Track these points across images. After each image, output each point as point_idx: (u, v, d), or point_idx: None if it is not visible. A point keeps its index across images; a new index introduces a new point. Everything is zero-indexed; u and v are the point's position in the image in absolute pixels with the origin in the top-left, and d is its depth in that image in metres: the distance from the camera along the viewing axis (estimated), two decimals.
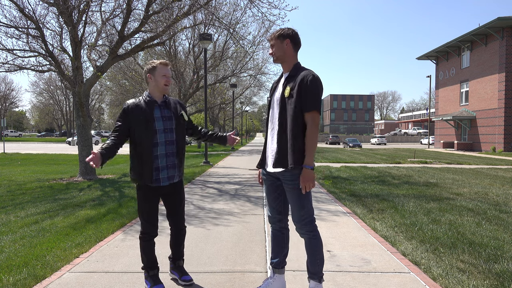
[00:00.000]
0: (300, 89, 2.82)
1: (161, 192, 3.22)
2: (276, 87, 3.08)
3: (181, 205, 3.35)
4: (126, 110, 3.12)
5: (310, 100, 2.79)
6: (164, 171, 3.15)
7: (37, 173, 12.47)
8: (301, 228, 2.93)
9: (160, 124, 3.13)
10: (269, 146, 3.03)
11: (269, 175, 3.06)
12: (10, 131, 78.72)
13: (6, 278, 3.46)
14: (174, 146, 3.19)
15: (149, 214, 3.18)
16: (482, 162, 18.74)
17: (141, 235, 3.21)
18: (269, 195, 3.10)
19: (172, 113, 3.22)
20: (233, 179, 11.12)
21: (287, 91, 2.88)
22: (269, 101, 3.10)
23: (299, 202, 2.87)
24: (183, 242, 3.43)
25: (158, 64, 3.17)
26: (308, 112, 2.81)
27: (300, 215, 2.89)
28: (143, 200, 3.17)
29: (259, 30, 24.17)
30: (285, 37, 2.96)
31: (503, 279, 3.47)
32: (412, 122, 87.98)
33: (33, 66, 11.61)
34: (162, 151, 3.13)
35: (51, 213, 6.19)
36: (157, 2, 12.16)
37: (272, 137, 2.99)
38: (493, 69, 29.51)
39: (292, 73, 2.94)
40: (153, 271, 3.24)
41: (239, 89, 38.05)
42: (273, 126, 2.99)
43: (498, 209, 6.72)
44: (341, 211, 6.48)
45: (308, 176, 2.76)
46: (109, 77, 26.91)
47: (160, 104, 3.19)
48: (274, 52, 3.00)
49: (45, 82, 72.73)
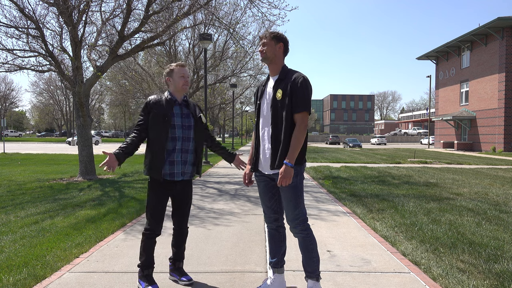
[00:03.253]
0: (291, 91, 2.89)
1: (171, 189, 3.27)
2: (264, 91, 3.12)
3: (188, 205, 3.40)
4: (148, 104, 3.25)
5: (301, 101, 2.87)
6: (178, 166, 3.23)
7: (37, 173, 12.47)
8: (295, 227, 2.97)
9: (179, 120, 3.24)
10: (262, 148, 3.05)
11: (263, 176, 3.09)
12: (10, 131, 78.71)
13: (6, 278, 3.46)
14: (190, 143, 3.29)
15: (156, 210, 3.22)
16: (482, 162, 18.74)
17: (145, 231, 3.25)
18: (264, 194, 3.13)
19: (191, 113, 3.34)
20: (233, 179, 11.12)
21: (278, 94, 2.94)
22: (258, 105, 3.13)
23: (294, 202, 2.93)
24: (184, 242, 3.46)
25: (175, 66, 3.32)
26: (299, 112, 2.88)
27: (295, 215, 2.94)
28: (152, 194, 3.22)
29: (259, 30, 24.13)
30: (279, 40, 3.00)
31: (503, 279, 3.47)
32: (412, 122, 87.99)
33: (33, 66, 11.61)
34: (179, 146, 3.22)
35: (51, 213, 6.19)
36: (157, 2, 12.17)
37: (265, 139, 3.02)
38: (493, 69, 29.51)
39: (281, 76, 3.00)
40: (147, 270, 3.25)
41: (239, 89, 38.06)
42: (266, 129, 3.03)
43: (498, 209, 6.72)
44: (341, 211, 6.48)
45: (286, 173, 2.80)
46: (109, 77, 26.92)
47: (180, 103, 3.31)
48: (265, 51, 3.01)
49: (45, 82, 72.75)
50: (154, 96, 3.31)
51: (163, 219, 3.29)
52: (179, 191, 3.33)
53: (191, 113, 3.35)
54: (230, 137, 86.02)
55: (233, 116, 34.09)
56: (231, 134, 78.42)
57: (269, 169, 2.98)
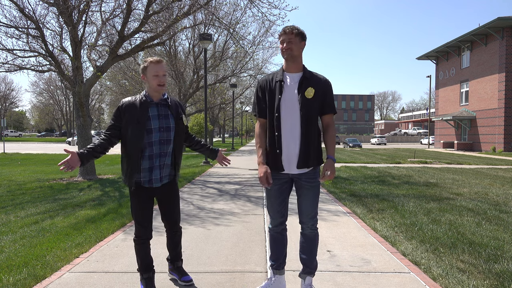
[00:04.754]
0: (325, 92, 2.97)
1: (154, 194, 3.13)
2: (281, 86, 2.93)
3: (175, 208, 3.24)
4: (120, 109, 3.00)
5: (333, 103, 3.03)
6: (156, 171, 3.04)
7: (37, 173, 12.47)
8: (313, 225, 3.06)
9: (156, 122, 2.99)
10: (288, 146, 2.92)
11: (280, 178, 3.01)
12: (10, 131, 78.70)
13: (6, 278, 3.46)
14: (170, 145, 3.07)
15: (142, 216, 3.07)
16: (482, 162, 18.74)
17: (135, 238, 3.15)
18: (275, 198, 3.04)
19: (171, 113, 3.09)
20: (233, 179, 11.12)
21: (310, 92, 2.90)
22: (279, 99, 2.91)
23: (317, 199, 3.04)
24: (179, 243, 3.37)
25: (149, 63, 2.97)
26: (332, 114, 3.03)
27: (314, 213, 3.04)
28: (135, 202, 3.07)
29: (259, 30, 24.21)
30: (303, 38, 2.94)
31: (503, 279, 3.47)
32: (412, 122, 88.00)
33: (33, 66, 11.62)
34: (157, 150, 3.01)
35: (51, 213, 6.19)
36: (157, 2, 12.17)
37: (291, 137, 2.92)
38: (493, 69, 29.51)
39: (306, 75, 2.94)
40: (147, 274, 3.16)
41: (239, 89, 38.03)
42: (291, 127, 2.91)
43: (498, 209, 6.72)
44: (341, 211, 6.48)
45: (333, 165, 2.93)
46: (109, 77, 26.92)
47: (157, 103, 3.04)
48: (291, 48, 2.87)
49: (45, 82, 72.76)
50: (127, 99, 3.04)
51: (151, 223, 3.14)
52: (163, 196, 3.16)
53: (172, 113, 3.08)
54: (230, 137, 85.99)
55: (233, 116, 34.09)
56: (231, 134, 78.40)
57: (296, 168, 2.94)
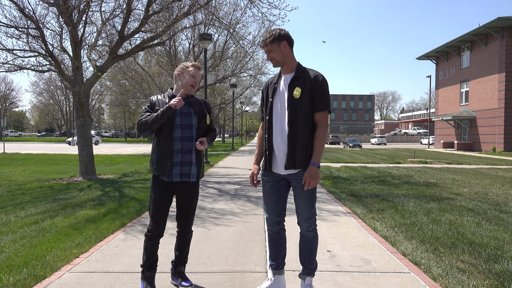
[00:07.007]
0: (312, 89, 2.84)
1: (174, 190, 3.19)
2: (276, 88, 2.99)
3: (192, 208, 3.29)
4: (152, 100, 3.23)
5: (322, 100, 2.84)
6: (177, 167, 3.13)
7: (37, 173, 12.47)
8: (310, 226, 2.98)
9: (178, 119, 3.14)
10: (276, 147, 2.94)
11: (272, 176, 3.02)
12: (10, 131, 78.74)
13: (6, 278, 3.45)
14: (192, 143, 3.17)
15: (157, 210, 3.14)
16: (482, 162, 18.74)
17: (147, 232, 3.19)
18: (270, 196, 3.05)
19: (194, 111, 3.21)
20: (233, 179, 11.12)
21: (297, 92, 2.85)
22: (270, 102, 2.98)
23: (312, 201, 2.93)
24: (188, 245, 3.37)
25: (190, 65, 3.22)
26: (321, 111, 2.85)
27: (310, 214, 2.95)
28: (153, 197, 3.15)
29: (259, 30, 24.21)
30: (281, 40, 2.87)
31: (503, 279, 3.47)
32: (412, 122, 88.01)
33: (33, 66, 11.61)
34: (178, 146, 3.12)
35: (51, 213, 6.18)
36: (157, 2, 12.17)
37: (280, 139, 2.92)
38: (493, 69, 29.51)
39: (298, 74, 2.91)
40: (149, 272, 3.18)
41: (239, 89, 38.05)
42: (280, 128, 2.92)
43: (498, 209, 6.72)
44: (341, 211, 6.48)
45: (313, 173, 2.79)
46: (109, 77, 26.94)
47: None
48: (273, 57, 2.91)
49: (45, 82, 72.74)
50: (157, 95, 3.27)
51: (164, 221, 3.18)
52: (182, 193, 3.22)
53: (195, 111, 3.21)
54: (230, 137, 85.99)
55: (233, 116, 34.09)
56: (231, 134, 78.38)
57: (284, 169, 2.90)
